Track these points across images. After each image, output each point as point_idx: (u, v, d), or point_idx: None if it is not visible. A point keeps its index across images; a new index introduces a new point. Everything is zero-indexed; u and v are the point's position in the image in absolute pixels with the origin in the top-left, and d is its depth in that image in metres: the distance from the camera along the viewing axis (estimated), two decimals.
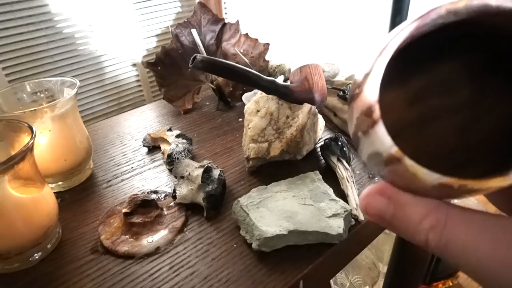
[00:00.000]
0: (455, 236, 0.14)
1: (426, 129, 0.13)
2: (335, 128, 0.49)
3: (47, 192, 0.31)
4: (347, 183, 0.36)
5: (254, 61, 0.57)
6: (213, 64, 0.35)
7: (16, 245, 0.29)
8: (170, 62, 0.55)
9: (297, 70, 0.41)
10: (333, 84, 0.51)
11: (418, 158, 0.12)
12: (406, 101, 0.13)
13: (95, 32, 1.10)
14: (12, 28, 0.96)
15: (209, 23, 0.58)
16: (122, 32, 1.17)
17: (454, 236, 0.14)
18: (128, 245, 0.31)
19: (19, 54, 0.99)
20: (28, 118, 0.33)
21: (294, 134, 0.37)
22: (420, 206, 0.15)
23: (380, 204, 0.16)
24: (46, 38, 1.02)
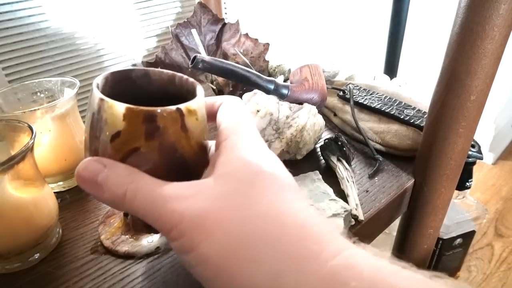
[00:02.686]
0: (146, 187, 0.19)
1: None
2: (335, 128, 0.49)
3: (47, 192, 0.31)
4: (347, 183, 0.36)
5: (254, 61, 0.57)
6: (213, 64, 0.35)
7: (16, 245, 0.29)
8: (170, 62, 0.56)
9: (297, 70, 0.41)
10: (333, 84, 0.51)
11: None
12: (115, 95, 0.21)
13: (95, 32, 1.10)
14: (12, 28, 0.96)
15: (209, 23, 0.58)
16: (122, 32, 1.17)
17: (145, 188, 0.19)
18: (128, 245, 0.31)
19: (19, 54, 0.99)
20: (28, 118, 0.33)
21: (294, 134, 0.37)
22: (125, 169, 0.20)
23: (96, 167, 0.20)
24: (46, 38, 1.02)
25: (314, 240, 0.17)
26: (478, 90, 0.32)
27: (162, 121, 0.20)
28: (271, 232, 0.17)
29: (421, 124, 0.41)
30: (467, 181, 0.59)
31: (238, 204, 0.18)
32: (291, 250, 0.17)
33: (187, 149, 0.22)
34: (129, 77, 0.24)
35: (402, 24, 1.09)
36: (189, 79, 0.24)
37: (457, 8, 0.31)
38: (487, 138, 1.41)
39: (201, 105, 0.22)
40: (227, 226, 0.18)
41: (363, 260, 0.17)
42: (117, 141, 0.20)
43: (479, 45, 0.30)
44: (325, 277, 0.16)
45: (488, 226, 1.16)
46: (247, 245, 0.17)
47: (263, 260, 0.17)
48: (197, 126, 0.22)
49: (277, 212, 0.18)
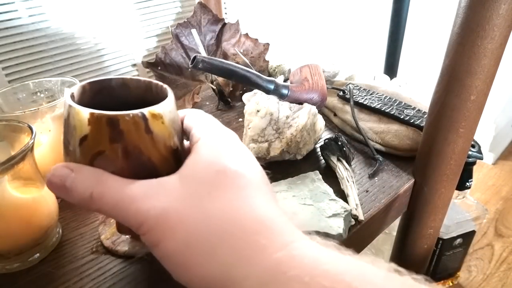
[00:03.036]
0: (111, 189, 0.20)
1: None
2: (335, 128, 0.49)
3: (47, 192, 0.31)
4: (347, 183, 0.36)
5: (254, 61, 0.57)
6: (213, 64, 0.35)
7: (16, 245, 0.29)
8: (170, 62, 0.56)
9: (297, 70, 0.41)
10: (333, 84, 0.51)
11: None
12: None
13: (95, 32, 1.10)
14: (12, 28, 0.96)
15: (209, 23, 0.58)
16: (122, 32, 1.17)
17: (111, 189, 0.20)
18: (128, 245, 0.31)
19: (19, 54, 0.99)
20: (28, 118, 0.33)
21: (294, 134, 0.37)
22: (91, 172, 0.21)
23: (64, 172, 0.21)
24: (46, 38, 1.02)
25: (265, 234, 0.19)
26: (478, 90, 0.32)
27: (124, 125, 0.21)
28: (226, 228, 0.19)
29: (421, 124, 0.41)
30: (467, 181, 0.59)
31: (198, 204, 0.20)
32: (243, 245, 0.19)
33: (154, 152, 0.22)
34: (108, 86, 0.25)
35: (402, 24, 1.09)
36: (163, 86, 0.25)
37: (457, 8, 0.31)
38: (487, 138, 1.41)
39: (168, 109, 0.23)
40: (186, 225, 0.19)
41: (306, 251, 0.18)
42: (84, 145, 0.21)
43: (479, 45, 0.30)
44: (270, 268, 0.18)
45: (488, 226, 1.16)
46: (204, 241, 0.19)
47: (217, 254, 0.19)
48: (164, 130, 0.22)
49: (234, 210, 0.20)
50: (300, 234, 0.20)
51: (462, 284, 0.96)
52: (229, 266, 0.18)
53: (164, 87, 0.25)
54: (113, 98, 0.25)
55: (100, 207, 0.21)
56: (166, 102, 0.23)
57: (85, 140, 0.21)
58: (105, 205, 0.20)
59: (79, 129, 0.21)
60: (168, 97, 0.23)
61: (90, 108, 0.21)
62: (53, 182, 0.21)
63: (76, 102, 0.22)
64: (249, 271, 0.18)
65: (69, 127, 0.22)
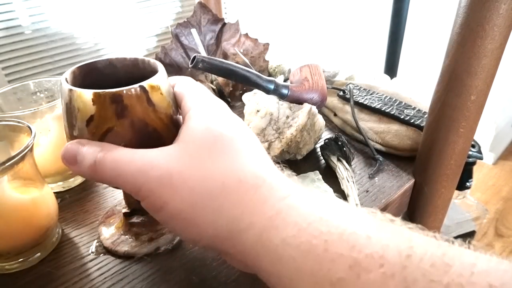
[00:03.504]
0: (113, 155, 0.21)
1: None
2: (335, 128, 0.49)
3: (47, 192, 0.31)
4: (347, 183, 0.36)
5: (254, 61, 0.57)
6: (213, 64, 0.35)
7: (15, 245, 0.29)
8: (170, 62, 0.56)
9: (297, 70, 0.41)
10: (333, 84, 0.51)
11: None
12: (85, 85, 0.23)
13: (95, 32, 1.10)
14: (12, 28, 0.96)
15: (209, 23, 0.58)
16: (122, 32, 1.17)
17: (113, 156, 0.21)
18: (128, 245, 0.31)
19: (19, 54, 0.99)
20: (28, 118, 0.33)
21: (294, 134, 0.37)
22: (98, 143, 0.22)
23: (75, 147, 0.22)
24: (46, 38, 1.02)
25: (265, 188, 0.20)
26: (478, 90, 0.32)
27: (128, 99, 0.22)
28: (229, 185, 0.20)
29: (421, 124, 0.41)
30: (467, 181, 0.59)
31: (200, 165, 0.21)
32: (246, 198, 0.20)
33: (158, 122, 0.23)
34: (95, 67, 0.26)
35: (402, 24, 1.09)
36: (151, 60, 0.26)
37: (457, 8, 0.31)
38: (487, 138, 1.41)
39: (163, 80, 0.24)
40: (191, 185, 0.20)
41: (302, 201, 0.20)
42: (91, 125, 0.22)
43: (479, 45, 0.30)
44: (271, 217, 0.19)
45: (488, 226, 1.16)
46: (209, 198, 0.20)
47: (222, 209, 0.20)
48: (163, 100, 0.24)
49: (235, 168, 0.21)
50: (297, 188, 0.21)
51: None
52: (234, 218, 0.20)
53: (151, 61, 0.26)
54: (102, 78, 0.26)
55: (102, 174, 0.21)
56: (160, 74, 0.24)
57: (92, 121, 0.22)
58: (107, 170, 0.21)
59: (83, 110, 0.22)
60: (160, 69, 0.24)
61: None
62: (66, 157, 0.22)
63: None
64: (253, 221, 0.19)
65: (73, 111, 0.22)
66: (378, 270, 0.16)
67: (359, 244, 0.17)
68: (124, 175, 0.21)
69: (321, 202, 0.20)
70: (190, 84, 0.26)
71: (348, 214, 0.19)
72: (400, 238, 0.17)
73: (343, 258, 0.17)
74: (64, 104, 0.23)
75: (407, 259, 0.16)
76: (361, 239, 0.17)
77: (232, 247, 0.20)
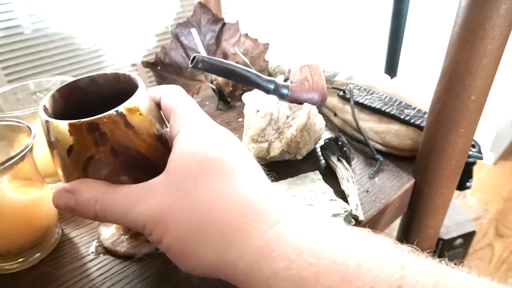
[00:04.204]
0: (110, 203, 0.22)
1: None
2: (335, 128, 0.49)
3: (47, 192, 0.31)
4: (347, 183, 0.36)
5: (254, 61, 0.57)
6: (213, 64, 0.35)
7: (15, 245, 0.29)
8: (170, 62, 0.55)
9: (297, 70, 0.41)
10: (333, 84, 0.51)
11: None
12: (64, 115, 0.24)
13: (95, 32, 1.10)
14: (11, 28, 0.96)
15: (209, 23, 0.58)
16: (122, 32, 1.17)
17: (110, 203, 0.22)
18: (127, 245, 0.30)
19: (19, 54, 0.99)
20: (28, 118, 0.33)
21: (294, 134, 0.37)
22: (86, 191, 0.22)
23: (65, 197, 0.23)
24: (46, 38, 1.02)
25: (252, 216, 0.20)
26: (478, 90, 0.32)
27: (105, 126, 0.21)
28: (215, 216, 0.20)
29: (421, 124, 0.41)
30: (468, 181, 0.59)
31: (185, 197, 0.21)
32: (232, 229, 0.20)
33: (140, 143, 0.23)
34: (77, 87, 0.26)
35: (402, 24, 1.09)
36: (131, 75, 0.26)
37: (457, 8, 0.31)
38: (487, 138, 1.41)
39: (142, 99, 0.23)
40: (178, 219, 0.21)
41: (292, 229, 0.19)
42: (72, 154, 0.22)
43: (479, 45, 0.30)
44: (260, 247, 0.19)
45: (489, 227, 1.16)
46: (196, 231, 0.20)
47: (209, 242, 0.20)
48: (143, 120, 0.23)
49: (220, 197, 0.21)
50: (288, 211, 0.21)
51: None
52: (223, 250, 0.20)
53: (131, 76, 0.25)
54: (86, 96, 0.26)
55: (106, 220, 0.23)
56: (138, 93, 0.23)
57: (72, 150, 0.22)
58: (110, 218, 0.23)
59: (62, 141, 0.22)
60: (139, 87, 0.24)
61: (66, 117, 0.21)
62: (60, 207, 0.23)
63: (51, 113, 0.23)
64: (241, 253, 0.19)
65: (53, 141, 0.22)
66: None
67: (350, 275, 0.17)
68: (128, 222, 0.22)
69: (312, 226, 0.20)
70: (179, 98, 0.25)
71: (339, 238, 0.19)
72: (392, 266, 0.17)
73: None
74: (44, 134, 0.23)
75: None
76: (352, 270, 0.17)
77: (225, 277, 0.20)
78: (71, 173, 0.23)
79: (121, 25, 1.15)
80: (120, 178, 0.23)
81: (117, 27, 1.14)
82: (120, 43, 1.16)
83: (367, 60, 1.58)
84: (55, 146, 0.22)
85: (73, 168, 0.23)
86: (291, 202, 0.22)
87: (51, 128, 0.22)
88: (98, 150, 0.22)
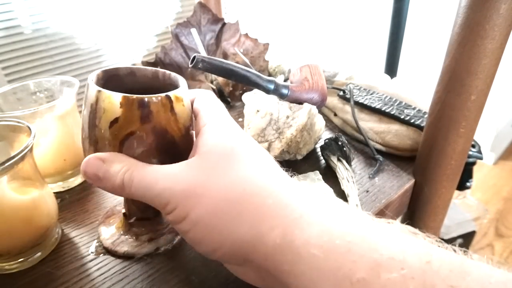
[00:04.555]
0: (139, 174, 0.22)
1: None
2: (335, 128, 0.49)
3: (47, 192, 0.31)
4: (347, 183, 0.36)
5: (254, 61, 0.57)
6: (212, 64, 0.35)
7: (15, 245, 0.29)
8: (170, 61, 0.56)
9: (297, 70, 0.41)
10: (333, 84, 0.51)
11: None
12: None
13: (95, 32, 1.10)
14: (11, 28, 0.96)
15: (209, 23, 0.58)
16: (122, 32, 1.17)
17: (138, 174, 0.22)
18: (127, 245, 0.30)
19: (19, 54, 0.99)
20: (28, 118, 0.33)
21: (294, 134, 0.37)
22: (119, 161, 0.23)
23: (97, 164, 0.23)
24: (46, 38, 1.02)
25: (287, 193, 0.21)
26: (478, 90, 0.32)
27: (154, 106, 0.23)
28: (250, 191, 0.21)
29: (421, 124, 0.41)
30: (468, 181, 0.59)
31: (220, 173, 0.22)
32: (268, 202, 0.21)
33: (176, 131, 0.25)
34: (116, 74, 0.27)
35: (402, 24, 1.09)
36: (172, 74, 0.27)
37: (457, 8, 0.31)
38: (488, 138, 1.41)
39: (185, 93, 0.26)
40: (212, 192, 0.21)
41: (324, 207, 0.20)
42: (115, 127, 0.23)
43: (479, 45, 0.30)
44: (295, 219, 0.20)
45: (489, 226, 1.16)
46: (231, 205, 0.21)
47: (245, 214, 0.20)
48: (184, 111, 0.25)
49: (254, 175, 0.22)
50: (314, 195, 0.22)
51: None
52: (256, 222, 0.20)
53: (172, 74, 0.27)
54: (121, 86, 0.27)
55: (130, 192, 0.23)
56: (184, 88, 0.25)
57: (116, 123, 0.23)
58: (135, 189, 0.22)
59: (110, 112, 0.23)
60: (182, 83, 0.26)
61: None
62: (88, 174, 0.23)
63: None
64: (275, 223, 0.20)
65: (98, 111, 0.23)
66: (399, 272, 0.16)
67: (381, 247, 0.17)
68: (150, 193, 0.22)
69: (340, 210, 0.20)
70: (207, 100, 0.27)
71: (368, 223, 0.19)
72: (419, 246, 0.18)
73: (365, 259, 0.17)
74: (89, 104, 0.24)
75: (427, 264, 0.16)
76: (383, 243, 0.17)
77: (254, 251, 0.20)
78: (104, 146, 0.24)
79: (121, 25, 1.15)
80: (151, 160, 0.24)
81: (117, 27, 1.14)
82: (120, 43, 1.16)
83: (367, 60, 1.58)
84: (98, 118, 0.23)
85: (110, 141, 0.23)
86: (314, 193, 0.22)
87: (101, 98, 0.23)
88: (141, 127, 0.23)
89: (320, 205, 0.20)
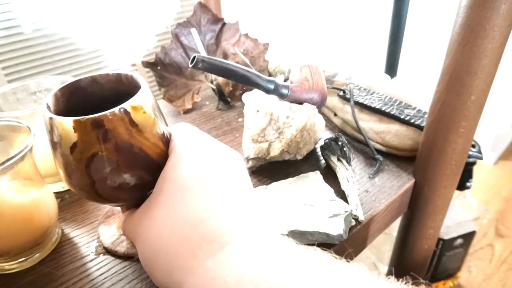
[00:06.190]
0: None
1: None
2: (335, 128, 0.49)
3: (47, 192, 0.31)
4: (347, 183, 0.36)
5: (254, 61, 0.57)
6: (213, 64, 0.35)
7: (15, 245, 0.29)
8: (170, 61, 0.55)
9: (297, 70, 0.41)
10: (333, 84, 0.51)
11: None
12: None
13: (95, 32, 1.10)
14: (11, 28, 0.96)
15: (209, 23, 0.58)
16: (122, 32, 1.17)
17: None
18: (127, 245, 0.30)
19: (18, 54, 0.99)
20: (28, 118, 0.33)
21: (294, 134, 0.37)
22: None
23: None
24: (46, 38, 1.02)
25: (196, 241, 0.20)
26: (478, 90, 0.32)
27: (110, 123, 0.21)
28: (165, 236, 0.21)
29: (421, 124, 0.41)
30: (468, 181, 0.59)
31: (148, 213, 0.23)
32: (176, 253, 0.21)
33: (143, 142, 0.23)
34: (78, 87, 0.26)
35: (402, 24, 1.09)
36: (133, 75, 0.26)
37: (457, 8, 0.31)
38: (488, 138, 1.41)
39: (145, 98, 0.23)
40: (141, 235, 0.23)
41: (239, 254, 0.19)
42: (76, 152, 0.22)
43: (479, 45, 0.30)
44: (200, 274, 0.19)
45: (489, 226, 1.16)
46: (151, 249, 0.22)
47: (160, 261, 0.21)
48: (147, 118, 0.23)
49: (172, 215, 0.22)
50: (243, 232, 0.21)
51: (463, 285, 0.96)
52: (169, 272, 0.21)
53: (133, 76, 0.25)
54: (87, 97, 0.26)
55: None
56: (142, 92, 0.23)
57: (75, 148, 0.22)
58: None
59: (66, 138, 0.22)
60: (142, 86, 0.24)
61: (69, 115, 0.21)
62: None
63: (53, 112, 0.23)
64: (184, 278, 0.20)
65: (55, 138, 0.22)
66: None
67: None
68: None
69: (262, 251, 0.19)
70: (180, 126, 0.27)
71: (287, 267, 0.18)
72: None
73: None
74: (47, 132, 0.23)
75: None
76: None
77: None
78: (73, 171, 0.23)
79: (121, 25, 1.15)
80: (123, 176, 0.23)
81: (117, 27, 1.14)
82: (120, 43, 1.16)
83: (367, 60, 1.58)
84: (58, 144, 0.22)
85: (76, 166, 0.22)
86: (252, 220, 0.22)
87: (55, 125, 0.22)
88: (101, 147, 0.22)
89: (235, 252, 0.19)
